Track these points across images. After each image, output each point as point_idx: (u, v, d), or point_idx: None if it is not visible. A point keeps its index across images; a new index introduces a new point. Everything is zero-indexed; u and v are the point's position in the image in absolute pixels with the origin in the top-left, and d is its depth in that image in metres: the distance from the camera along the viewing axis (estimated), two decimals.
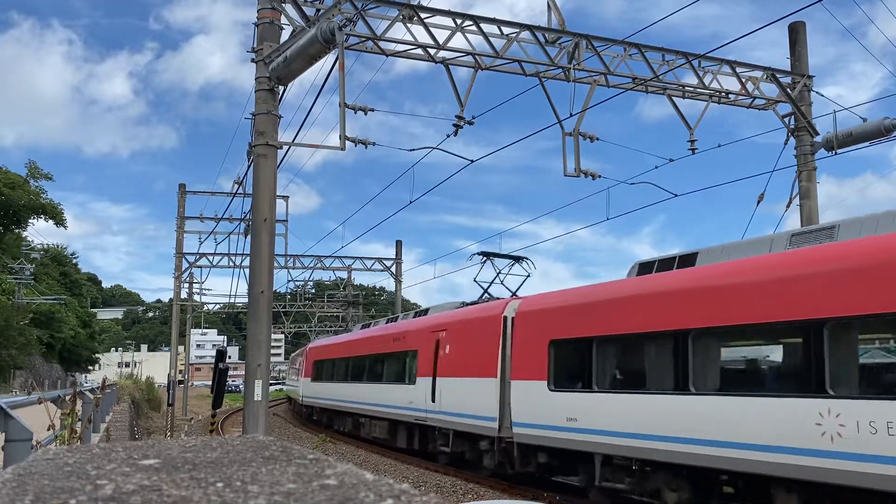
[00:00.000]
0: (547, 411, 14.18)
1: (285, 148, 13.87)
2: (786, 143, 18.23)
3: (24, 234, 63.70)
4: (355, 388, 26.15)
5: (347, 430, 27.58)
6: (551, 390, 14.13)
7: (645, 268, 13.67)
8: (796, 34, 18.27)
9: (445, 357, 18.36)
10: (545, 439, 14.25)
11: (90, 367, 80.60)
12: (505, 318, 15.90)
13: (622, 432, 12.24)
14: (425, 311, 22.44)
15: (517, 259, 20.74)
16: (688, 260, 12.79)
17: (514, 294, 19.30)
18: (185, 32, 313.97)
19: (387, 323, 26.71)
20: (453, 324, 18.57)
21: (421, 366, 19.82)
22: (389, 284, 45.85)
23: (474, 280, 20.23)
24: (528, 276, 20.27)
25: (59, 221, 62.28)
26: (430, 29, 14.80)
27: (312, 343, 39.27)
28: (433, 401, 18.64)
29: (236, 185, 24.17)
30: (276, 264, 18.85)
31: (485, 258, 20.37)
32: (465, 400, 17.05)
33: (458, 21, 15.02)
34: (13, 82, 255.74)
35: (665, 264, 13.21)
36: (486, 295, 20.00)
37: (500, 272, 20.26)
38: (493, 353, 15.94)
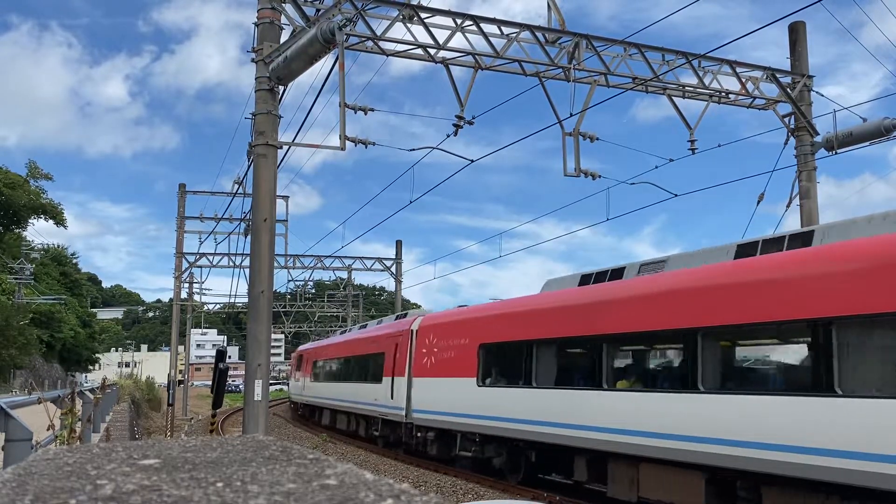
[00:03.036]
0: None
1: (285, 148, 13.88)
2: (786, 143, 18.23)
3: (24, 233, 63.76)
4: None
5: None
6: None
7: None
8: (796, 34, 18.27)
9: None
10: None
11: (90, 367, 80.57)
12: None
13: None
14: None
15: None
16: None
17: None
18: (183, 34, 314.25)
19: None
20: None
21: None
22: (389, 284, 45.88)
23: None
24: None
25: (59, 221, 62.35)
26: (430, 29, 14.80)
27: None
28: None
29: (236, 185, 24.20)
30: (276, 264, 18.85)
31: None
32: None
33: (458, 21, 15.02)
34: (14, 83, 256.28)
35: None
36: None
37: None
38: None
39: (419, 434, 19.69)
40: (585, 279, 14.78)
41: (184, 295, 42.13)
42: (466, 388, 16.95)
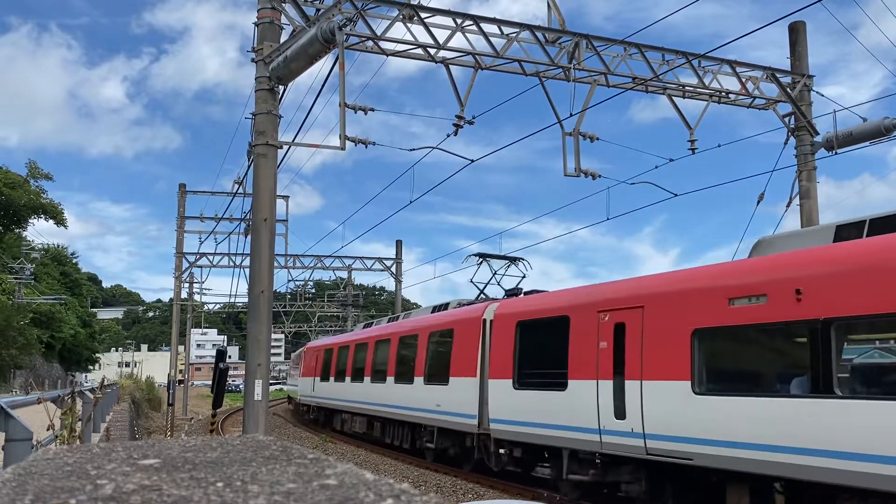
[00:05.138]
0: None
1: (285, 148, 13.87)
2: (786, 143, 18.23)
3: (24, 233, 63.77)
4: None
5: None
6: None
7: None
8: (796, 34, 18.27)
9: None
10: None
11: (90, 367, 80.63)
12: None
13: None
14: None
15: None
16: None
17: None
18: (177, 34, 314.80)
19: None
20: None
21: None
22: (389, 284, 45.85)
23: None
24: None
25: (60, 221, 62.33)
26: (430, 29, 14.80)
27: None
28: None
29: (236, 185, 24.20)
30: (276, 264, 18.85)
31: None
32: None
33: (459, 21, 15.02)
34: (14, 84, 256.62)
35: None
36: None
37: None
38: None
39: None
40: None
41: (184, 295, 42.12)
42: None
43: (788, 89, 17.91)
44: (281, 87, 13.51)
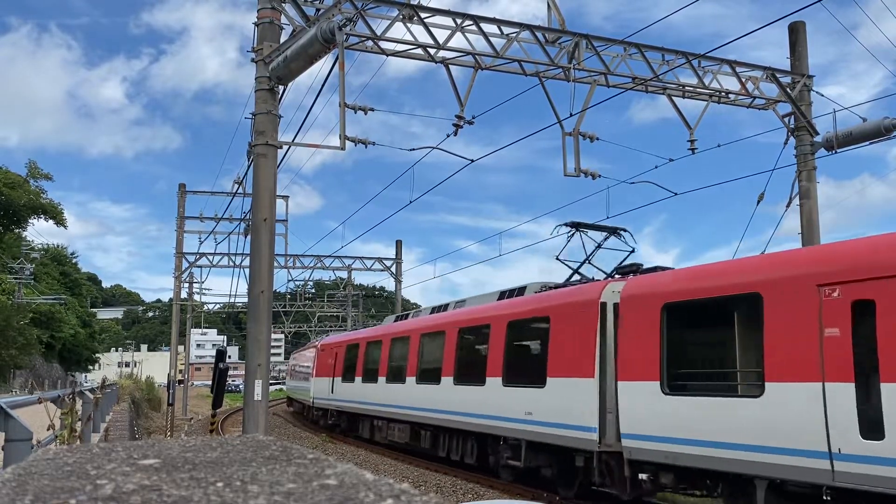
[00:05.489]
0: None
1: (285, 148, 13.87)
2: (786, 143, 18.23)
3: (24, 234, 63.82)
4: None
5: None
6: None
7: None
8: (796, 34, 18.28)
9: None
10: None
11: (90, 367, 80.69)
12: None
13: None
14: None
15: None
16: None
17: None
18: (175, 34, 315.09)
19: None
20: None
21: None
22: (389, 284, 45.91)
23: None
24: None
25: (59, 221, 62.38)
26: (430, 29, 14.79)
27: None
28: None
29: (236, 185, 24.19)
30: (276, 264, 18.85)
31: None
32: None
33: (458, 21, 15.02)
34: (14, 84, 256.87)
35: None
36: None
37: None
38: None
39: None
40: None
41: (184, 295, 42.11)
42: None
43: (788, 89, 17.91)
44: (281, 87, 13.51)
